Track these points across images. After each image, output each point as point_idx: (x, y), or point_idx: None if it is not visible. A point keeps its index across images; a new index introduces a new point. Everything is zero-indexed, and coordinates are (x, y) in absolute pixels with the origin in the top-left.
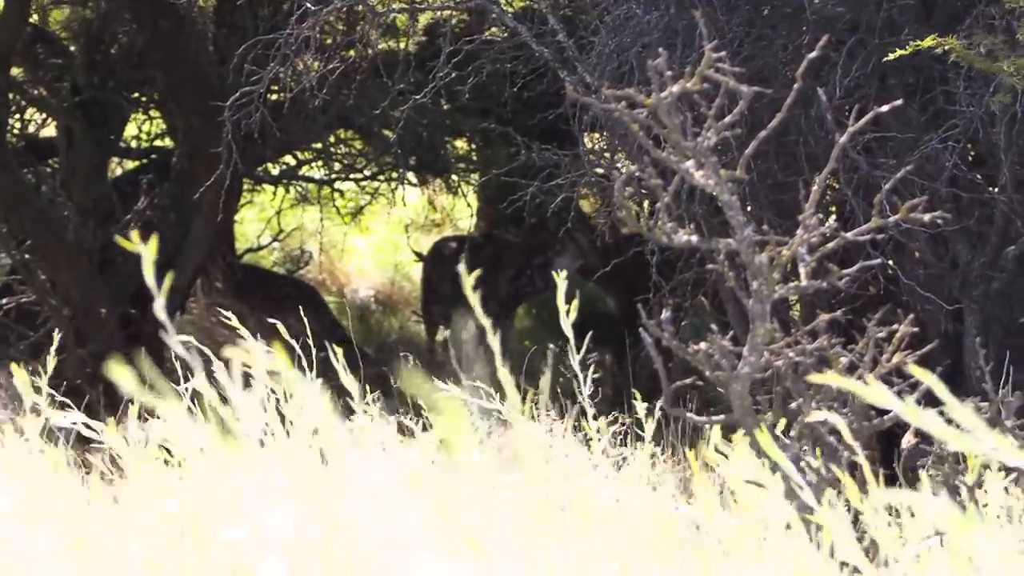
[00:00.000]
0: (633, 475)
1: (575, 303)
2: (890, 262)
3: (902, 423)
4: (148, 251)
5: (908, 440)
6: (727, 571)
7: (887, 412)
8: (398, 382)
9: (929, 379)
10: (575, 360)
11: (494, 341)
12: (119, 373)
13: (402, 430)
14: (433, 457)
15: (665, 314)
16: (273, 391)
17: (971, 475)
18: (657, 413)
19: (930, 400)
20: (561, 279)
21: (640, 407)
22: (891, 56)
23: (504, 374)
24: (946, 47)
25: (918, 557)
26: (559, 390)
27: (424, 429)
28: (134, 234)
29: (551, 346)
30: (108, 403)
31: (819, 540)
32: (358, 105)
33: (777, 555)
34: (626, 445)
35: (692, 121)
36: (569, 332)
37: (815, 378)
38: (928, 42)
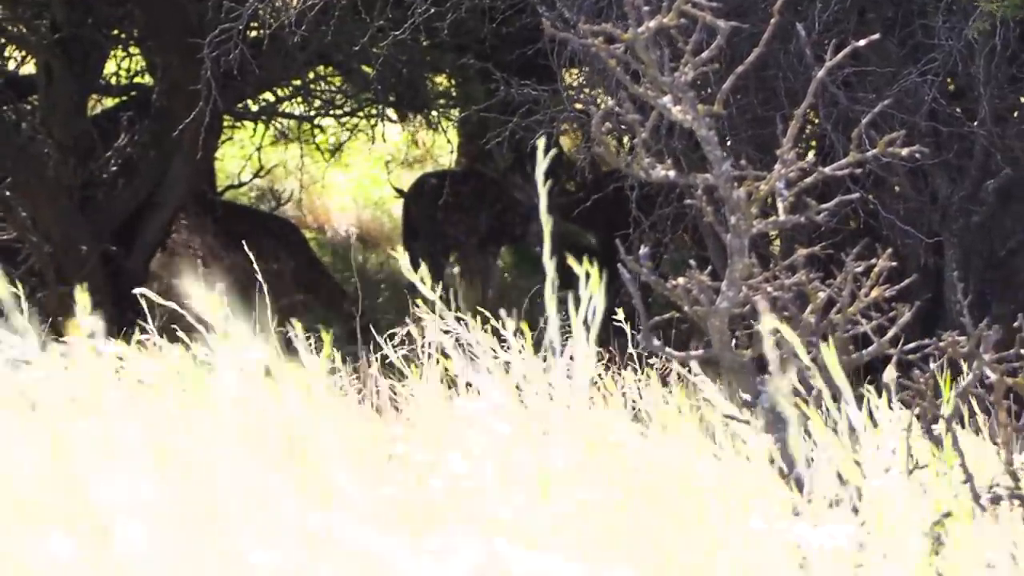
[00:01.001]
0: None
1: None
2: (870, 196)
3: (883, 357)
4: None
5: (889, 374)
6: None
7: (868, 346)
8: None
9: None
10: (551, 298)
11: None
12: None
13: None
14: None
15: (643, 249)
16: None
17: (948, 408)
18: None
19: (910, 336)
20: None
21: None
22: None
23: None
24: None
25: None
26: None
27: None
28: None
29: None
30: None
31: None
32: (337, 42)
33: (758, 488)
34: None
35: (670, 56)
36: (550, 271)
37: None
38: None
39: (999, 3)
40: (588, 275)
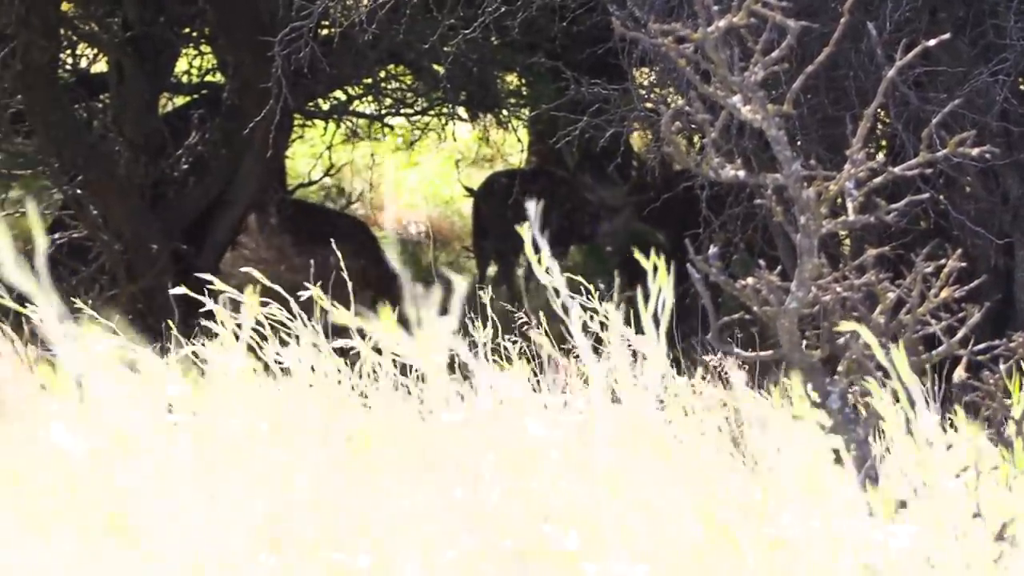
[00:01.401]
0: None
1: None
2: (940, 196)
3: (953, 357)
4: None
5: (959, 374)
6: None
7: (938, 346)
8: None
9: None
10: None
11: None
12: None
13: None
14: None
15: (712, 249)
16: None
17: (1019, 409)
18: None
19: (980, 337)
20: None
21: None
22: None
23: None
24: None
25: (966, 485)
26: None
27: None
28: None
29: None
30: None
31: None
32: (408, 40)
33: (825, 489)
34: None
35: (740, 56)
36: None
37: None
38: None
39: None
40: (656, 268)
